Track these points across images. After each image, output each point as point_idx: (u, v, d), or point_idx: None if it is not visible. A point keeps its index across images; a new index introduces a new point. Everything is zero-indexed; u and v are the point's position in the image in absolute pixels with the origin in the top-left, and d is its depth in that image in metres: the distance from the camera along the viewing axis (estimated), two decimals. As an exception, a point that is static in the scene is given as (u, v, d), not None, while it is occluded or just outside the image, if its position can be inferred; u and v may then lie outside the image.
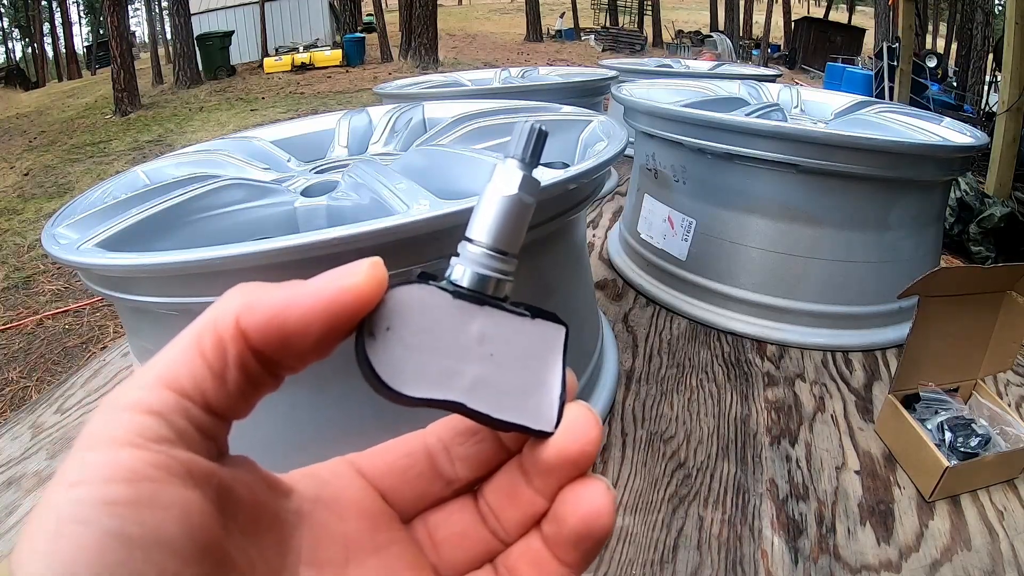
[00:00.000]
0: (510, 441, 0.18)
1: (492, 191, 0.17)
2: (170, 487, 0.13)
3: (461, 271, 0.17)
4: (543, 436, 0.17)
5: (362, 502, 0.18)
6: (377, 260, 0.15)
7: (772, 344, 0.74)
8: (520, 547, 0.18)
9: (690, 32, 16.07)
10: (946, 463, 0.49)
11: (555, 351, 0.17)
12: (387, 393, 0.16)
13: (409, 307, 0.16)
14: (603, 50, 13.66)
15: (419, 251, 0.37)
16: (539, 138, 0.18)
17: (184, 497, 0.13)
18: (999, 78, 3.62)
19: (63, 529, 0.12)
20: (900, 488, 0.53)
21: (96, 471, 0.12)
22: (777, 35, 16.36)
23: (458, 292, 0.16)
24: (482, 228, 0.17)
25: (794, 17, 15.43)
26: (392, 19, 14.14)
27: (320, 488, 0.17)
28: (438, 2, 11.01)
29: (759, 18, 16.21)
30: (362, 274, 0.15)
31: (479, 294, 0.17)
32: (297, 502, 0.17)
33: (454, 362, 0.16)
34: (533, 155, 0.17)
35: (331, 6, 13.69)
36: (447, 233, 0.36)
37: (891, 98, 5.23)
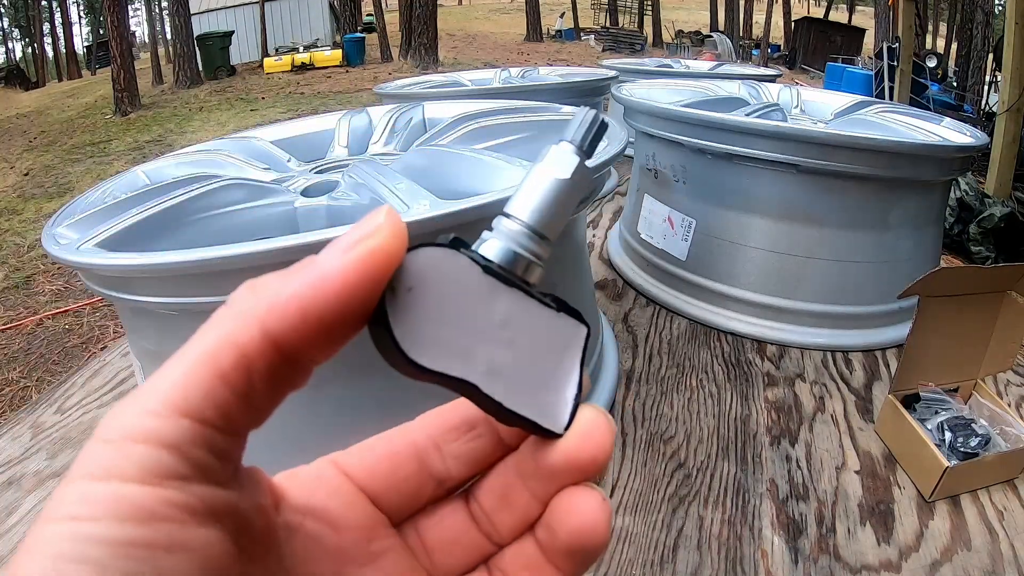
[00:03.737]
0: (509, 437, 0.17)
1: (542, 171, 0.16)
2: (189, 528, 0.12)
3: (494, 246, 0.16)
4: (550, 436, 0.16)
5: (352, 510, 0.16)
6: (390, 208, 0.14)
7: (772, 344, 0.74)
8: (515, 550, 0.17)
9: (690, 32, 16.07)
10: (946, 463, 0.49)
11: (574, 350, 0.16)
12: (399, 359, 0.14)
13: (435, 272, 0.14)
14: (603, 50, 13.65)
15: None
16: (600, 128, 0.17)
17: (204, 538, 0.12)
18: (999, 78, 3.63)
19: (62, 568, 0.10)
20: (900, 488, 0.53)
21: (104, 507, 0.11)
22: (777, 35, 16.36)
23: (488, 267, 0.15)
24: (524, 206, 0.16)
25: (794, 17, 15.43)
26: (392, 19, 14.14)
27: (308, 496, 0.16)
28: (438, 2, 11.01)
29: (759, 18, 16.21)
30: (385, 230, 0.13)
31: (509, 274, 0.15)
32: (286, 513, 0.15)
33: (474, 341, 0.15)
34: (591, 145, 0.16)
35: (331, 6, 13.69)
36: (447, 232, 0.36)
37: (891, 98, 5.23)
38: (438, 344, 0.14)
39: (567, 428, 0.16)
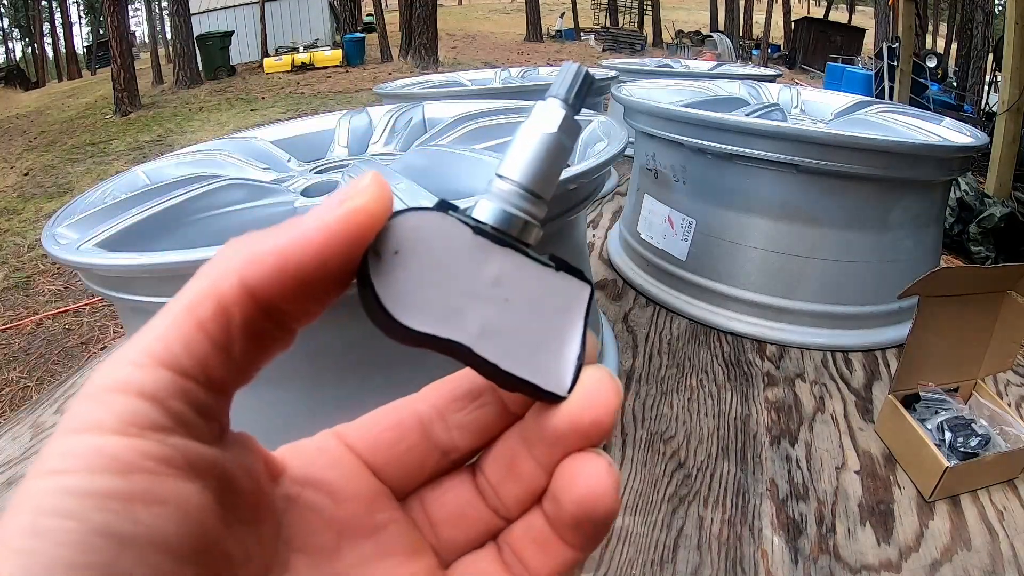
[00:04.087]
0: (515, 405, 0.16)
1: (530, 128, 0.16)
2: (167, 480, 0.11)
3: (486, 207, 0.15)
4: (553, 400, 0.15)
5: (354, 481, 0.16)
6: (376, 173, 0.14)
7: (772, 344, 0.74)
8: (523, 524, 0.16)
9: (690, 32, 16.07)
10: (946, 463, 0.49)
11: (577, 309, 0.16)
12: (386, 322, 0.14)
13: (422, 234, 0.14)
14: (603, 50, 13.65)
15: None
16: (585, 81, 0.16)
17: (183, 491, 0.12)
18: (999, 78, 3.63)
19: (42, 523, 0.10)
20: (900, 488, 0.53)
21: (82, 460, 0.11)
22: (777, 35, 16.36)
23: (479, 228, 0.15)
24: (515, 165, 0.15)
25: (794, 17, 15.43)
26: (392, 19, 14.14)
27: (308, 466, 0.16)
28: (438, 2, 11.01)
29: (759, 18, 16.21)
30: (368, 191, 0.13)
31: (503, 234, 0.15)
32: (286, 484, 0.15)
33: (465, 302, 0.14)
34: (577, 97, 0.16)
35: (331, 6, 13.69)
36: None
37: (891, 98, 5.23)
38: (426, 306, 0.14)
39: (570, 390, 0.15)
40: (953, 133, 0.79)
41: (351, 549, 0.15)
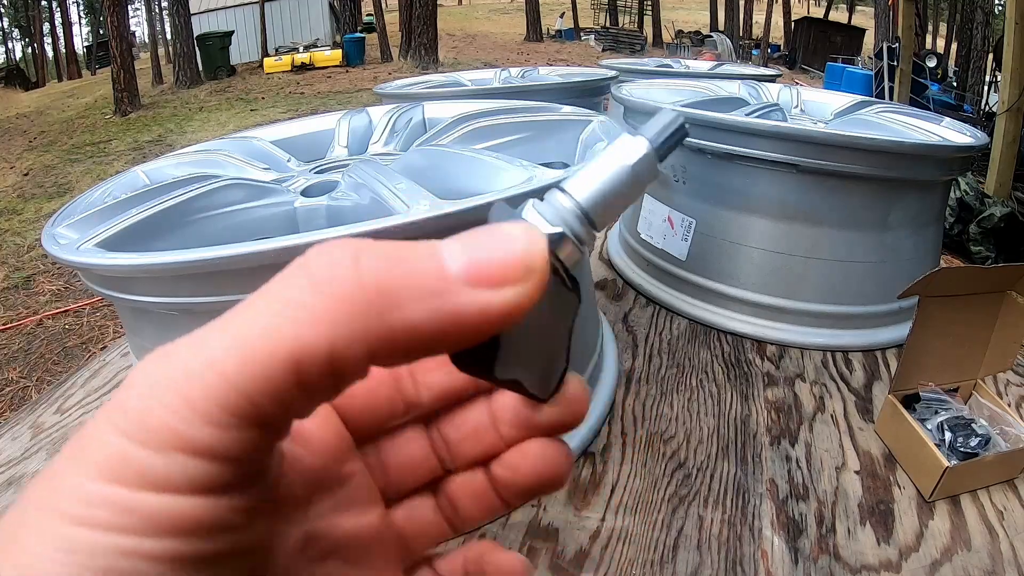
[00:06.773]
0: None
1: (609, 155, 0.16)
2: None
3: (529, 212, 0.15)
4: (535, 399, 0.16)
5: (327, 430, 0.17)
6: (542, 250, 0.13)
7: (772, 344, 0.74)
8: (463, 478, 0.18)
9: (690, 32, 16.07)
10: (946, 463, 0.49)
11: (564, 318, 0.16)
12: None
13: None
14: (603, 50, 13.66)
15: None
16: (678, 132, 0.16)
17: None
18: (999, 78, 3.63)
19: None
20: (900, 488, 0.53)
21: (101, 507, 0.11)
22: (777, 35, 16.36)
23: None
24: (582, 186, 0.15)
25: (794, 17, 15.43)
26: (392, 19, 14.13)
27: None
28: (438, 2, 11.01)
29: (759, 18, 16.21)
30: (536, 277, 0.13)
31: None
32: None
33: None
34: (664, 144, 0.16)
35: (331, 6, 13.69)
36: (447, 233, 0.36)
37: (891, 98, 5.22)
38: None
39: (552, 394, 0.16)
40: (953, 133, 0.79)
41: (320, 501, 0.16)
